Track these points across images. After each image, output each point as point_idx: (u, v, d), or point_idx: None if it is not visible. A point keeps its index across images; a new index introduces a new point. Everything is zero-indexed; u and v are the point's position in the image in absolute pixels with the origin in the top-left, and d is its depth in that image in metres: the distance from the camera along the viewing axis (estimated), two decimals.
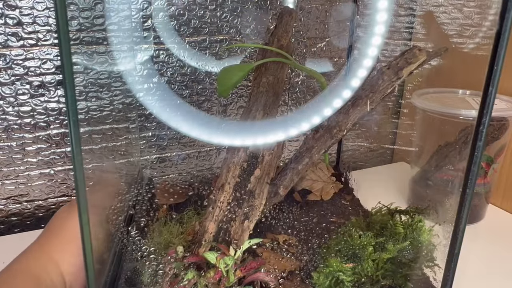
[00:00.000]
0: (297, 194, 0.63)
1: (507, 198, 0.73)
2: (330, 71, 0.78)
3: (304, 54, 0.77)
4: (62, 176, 0.65)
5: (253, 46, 0.65)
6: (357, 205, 0.62)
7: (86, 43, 0.57)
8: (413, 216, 0.47)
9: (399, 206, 0.51)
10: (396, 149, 0.96)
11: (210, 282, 0.37)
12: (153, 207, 0.53)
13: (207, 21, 0.67)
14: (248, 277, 0.40)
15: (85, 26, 0.57)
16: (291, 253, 0.47)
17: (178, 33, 0.66)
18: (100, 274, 0.36)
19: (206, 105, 0.71)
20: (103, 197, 0.43)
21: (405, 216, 0.48)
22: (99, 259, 0.35)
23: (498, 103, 0.68)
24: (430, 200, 0.69)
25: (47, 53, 0.60)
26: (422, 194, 0.71)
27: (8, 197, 0.63)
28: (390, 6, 0.42)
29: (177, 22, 0.65)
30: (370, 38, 0.44)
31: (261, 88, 0.50)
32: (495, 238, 0.65)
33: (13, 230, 0.64)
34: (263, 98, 0.49)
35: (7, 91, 0.59)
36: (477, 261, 0.59)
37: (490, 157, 0.66)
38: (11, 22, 0.57)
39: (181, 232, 0.46)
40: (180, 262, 0.39)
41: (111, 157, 0.57)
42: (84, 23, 0.57)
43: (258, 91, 0.50)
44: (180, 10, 0.65)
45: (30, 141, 0.62)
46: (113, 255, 0.42)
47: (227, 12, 0.68)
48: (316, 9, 0.75)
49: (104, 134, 0.57)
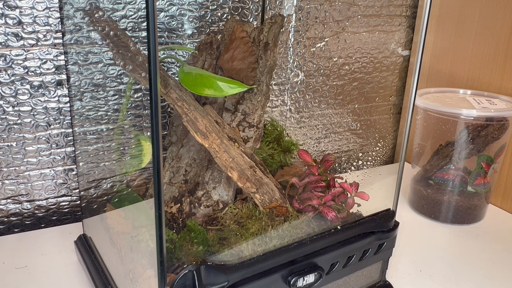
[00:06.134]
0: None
1: (507, 198, 0.73)
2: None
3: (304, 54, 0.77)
4: (62, 176, 0.65)
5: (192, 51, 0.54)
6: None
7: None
8: None
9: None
10: (397, 149, 0.96)
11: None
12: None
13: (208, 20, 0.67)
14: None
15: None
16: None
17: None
18: None
19: None
20: None
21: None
22: None
23: (498, 103, 0.68)
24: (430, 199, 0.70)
25: (47, 53, 0.60)
26: (423, 193, 0.71)
27: (8, 197, 0.63)
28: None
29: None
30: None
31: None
32: (495, 238, 0.65)
33: (13, 230, 0.64)
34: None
35: (7, 91, 0.59)
36: (477, 261, 0.59)
37: (490, 157, 0.66)
38: (11, 22, 0.57)
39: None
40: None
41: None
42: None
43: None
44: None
45: (30, 141, 0.62)
46: None
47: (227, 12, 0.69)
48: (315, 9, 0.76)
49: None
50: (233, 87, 0.42)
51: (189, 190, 0.48)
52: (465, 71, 0.78)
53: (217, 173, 0.48)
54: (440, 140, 0.68)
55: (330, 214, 0.44)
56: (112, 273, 0.47)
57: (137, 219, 0.48)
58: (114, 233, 0.47)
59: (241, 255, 0.39)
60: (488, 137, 0.64)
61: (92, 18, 0.47)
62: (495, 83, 0.73)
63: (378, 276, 0.50)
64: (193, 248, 0.41)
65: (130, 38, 0.45)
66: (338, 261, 0.44)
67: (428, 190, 0.70)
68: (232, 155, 0.45)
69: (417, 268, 0.57)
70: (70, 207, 0.67)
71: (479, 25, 0.75)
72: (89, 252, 0.52)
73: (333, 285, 0.45)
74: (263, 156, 0.54)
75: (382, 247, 0.47)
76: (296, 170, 0.52)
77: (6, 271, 0.53)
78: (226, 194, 0.48)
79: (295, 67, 0.78)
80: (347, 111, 0.86)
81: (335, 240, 0.44)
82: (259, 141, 0.51)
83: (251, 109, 0.49)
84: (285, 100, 0.79)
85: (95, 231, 0.53)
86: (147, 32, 0.27)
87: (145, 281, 0.39)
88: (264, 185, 0.46)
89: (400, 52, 0.89)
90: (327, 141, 0.86)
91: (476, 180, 0.67)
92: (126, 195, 0.53)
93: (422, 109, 0.70)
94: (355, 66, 0.83)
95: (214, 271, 0.36)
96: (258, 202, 0.46)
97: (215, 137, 0.44)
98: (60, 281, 0.52)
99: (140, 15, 0.62)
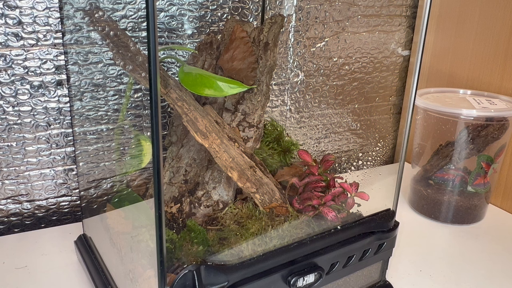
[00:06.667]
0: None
1: (507, 198, 0.73)
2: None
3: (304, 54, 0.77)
4: (62, 176, 0.65)
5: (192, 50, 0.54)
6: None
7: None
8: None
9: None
10: (397, 149, 0.96)
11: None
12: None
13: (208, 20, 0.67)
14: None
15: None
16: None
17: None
18: None
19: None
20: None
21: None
22: None
23: (498, 103, 0.68)
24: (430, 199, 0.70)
25: (47, 53, 0.60)
26: (423, 193, 0.71)
27: (8, 197, 0.63)
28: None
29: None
30: None
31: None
32: (495, 238, 0.65)
33: (13, 230, 0.64)
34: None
35: (7, 91, 0.59)
36: (477, 261, 0.59)
37: (490, 157, 0.66)
38: (11, 22, 0.57)
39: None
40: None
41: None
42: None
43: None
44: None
45: (30, 141, 0.62)
46: None
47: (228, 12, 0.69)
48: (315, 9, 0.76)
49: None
50: (233, 87, 0.42)
51: (189, 190, 0.48)
52: (465, 71, 0.78)
53: (217, 173, 0.48)
54: (440, 140, 0.68)
55: (330, 214, 0.44)
56: (112, 273, 0.47)
57: (137, 219, 0.48)
58: (114, 233, 0.47)
59: (241, 255, 0.40)
60: (488, 137, 0.64)
61: (92, 18, 0.47)
62: (495, 83, 0.73)
63: (378, 276, 0.50)
64: (193, 248, 0.41)
65: (130, 38, 0.45)
66: (338, 261, 0.44)
67: (428, 190, 0.70)
68: (232, 155, 0.45)
69: (417, 268, 0.57)
70: (70, 207, 0.67)
71: (479, 25, 0.75)
72: (89, 252, 0.52)
73: (333, 285, 0.45)
74: (263, 156, 0.54)
75: (382, 247, 0.47)
76: (296, 170, 0.52)
77: (6, 271, 0.53)
78: (226, 194, 0.48)
79: (295, 67, 0.78)
80: (347, 111, 0.86)
81: (335, 240, 0.44)
82: (259, 141, 0.51)
83: (251, 109, 0.49)
84: (285, 100, 0.79)
85: (95, 231, 0.53)
86: (147, 32, 0.27)
87: (145, 281, 0.39)
88: (264, 185, 0.46)
89: (400, 52, 0.89)
90: (327, 141, 0.86)
91: (476, 180, 0.67)
92: (126, 195, 0.53)
93: (422, 109, 0.70)
94: (355, 66, 0.83)
95: (214, 271, 0.36)
96: (258, 202, 0.46)
97: (215, 137, 0.44)
98: (60, 281, 0.52)
99: (140, 15, 0.62)
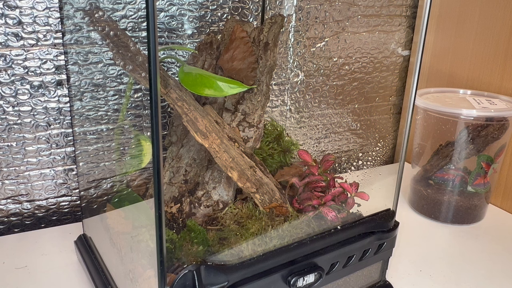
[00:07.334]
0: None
1: (507, 198, 0.73)
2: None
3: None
4: (62, 176, 0.65)
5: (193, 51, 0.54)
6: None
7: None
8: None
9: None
10: (397, 149, 0.96)
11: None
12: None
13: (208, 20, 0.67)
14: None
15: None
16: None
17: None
18: None
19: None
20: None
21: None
22: None
23: (498, 103, 0.68)
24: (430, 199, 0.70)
25: (47, 53, 0.60)
26: (423, 193, 0.71)
27: (8, 197, 0.63)
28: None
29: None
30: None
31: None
32: (495, 238, 0.65)
33: (13, 230, 0.64)
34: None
35: (7, 91, 0.59)
36: (477, 261, 0.59)
37: (490, 157, 0.66)
38: (11, 22, 0.57)
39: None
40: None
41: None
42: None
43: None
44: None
45: (30, 141, 0.62)
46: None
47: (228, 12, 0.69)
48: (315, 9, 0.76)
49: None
50: (233, 87, 0.42)
51: (189, 190, 0.48)
52: (465, 71, 0.78)
53: (217, 173, 0.48)
54: (440, 140, 0.68)
55: (330, 214, 0.44)
56: (112, 273, 0.47)
57: (137, 219, 0.48)
58: (114, 233, 0.47)
59: (241, 255, 0.39)
60: (488, 137, 0.64)
61: (92, 18, 0.47)
62: (495, 83, 0.73)
63: (378, 276, 0.50)
64: (193, 248, 0.41)
65: (130, 38, 0.45)
66: (338, 261, 0.44)
67: (428, 190, 0.70)
68: (232, 155, 0.45)
69: (417, 268, 0.57)
70: (70, 207, 0.67)
71: (479, 25, 0.75)
72: (89, 252, 0.52)
73: (333, 285, 0.45)
74: (263, 156, 0.54)
75: (382, 247, 0.47)
76: (296, 170, 0.52)
77: (6, 271, 0.53)
78: (226, 194, 0.48)
79: (295, 67, 0.78)
80: (347, 111, 0.86)
81: (335, 240, 0.44)
82: (259, 141, 0.51)
83: (251, 109, 0.49)
84: (285, 100, 0.79)
85: (95, 231, 0.53)
86: (147, 32, 0.27)
87: (145, 281, 0.39)
88: (264, 185, 0.46)
89: (400, 52, 0.89)
90: (327, 141, 0.86)
91: (476, 180, 0.67)
92: (126, 195, 0.53)
93: (422, 109, 0.70)
94: (355, 66, 0.83)
95: (214, 271, 0.36)
96: (258, 202, 0.46)
97: (215, 137, 0.44)
98: (60, 281, 0.52)
99: (140, 15, 0.62)
